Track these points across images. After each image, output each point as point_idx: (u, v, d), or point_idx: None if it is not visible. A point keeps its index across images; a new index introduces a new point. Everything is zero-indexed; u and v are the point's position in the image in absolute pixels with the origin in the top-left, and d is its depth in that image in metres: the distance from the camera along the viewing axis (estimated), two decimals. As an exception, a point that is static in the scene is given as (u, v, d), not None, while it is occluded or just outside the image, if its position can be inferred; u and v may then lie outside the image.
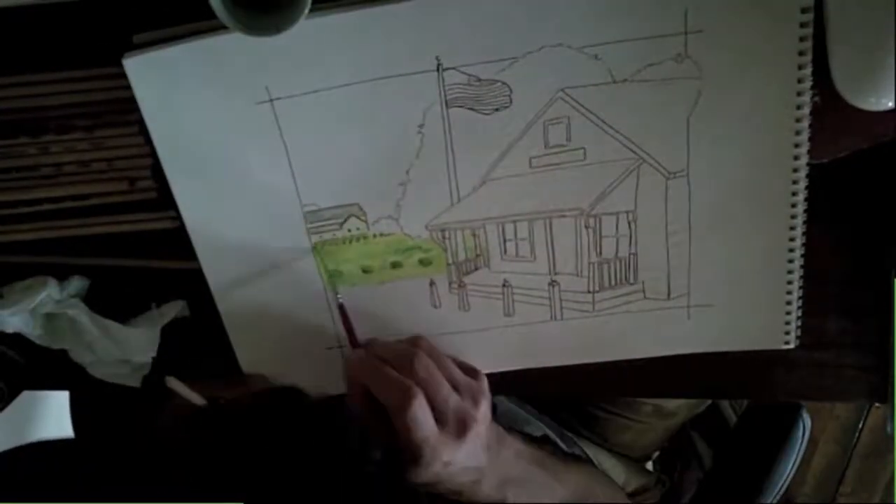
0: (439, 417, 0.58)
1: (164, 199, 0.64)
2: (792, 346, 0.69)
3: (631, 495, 0.89)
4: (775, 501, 0.90)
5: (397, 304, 0.69)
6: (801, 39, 0.57)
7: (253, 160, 0.62)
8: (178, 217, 0.65)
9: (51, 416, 0.67)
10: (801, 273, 0.66)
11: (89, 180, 0.64)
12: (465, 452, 0.59)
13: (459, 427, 0.59)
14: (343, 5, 0.57)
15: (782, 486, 0.90)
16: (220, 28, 0.56)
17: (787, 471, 0.90)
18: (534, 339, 0.70)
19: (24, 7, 0.59)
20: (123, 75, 0.60)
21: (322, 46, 0.57)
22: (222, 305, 0.68)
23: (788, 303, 0.67)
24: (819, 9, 0.56)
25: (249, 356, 0.71)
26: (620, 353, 0.71)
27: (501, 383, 0.71)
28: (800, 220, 0.64)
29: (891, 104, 0.56)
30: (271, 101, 0.59)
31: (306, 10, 0.53)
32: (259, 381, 0.71)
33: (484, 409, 0.61)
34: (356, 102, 0.59)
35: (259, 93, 0.59)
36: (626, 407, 0.97)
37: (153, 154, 0.62)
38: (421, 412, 0.57)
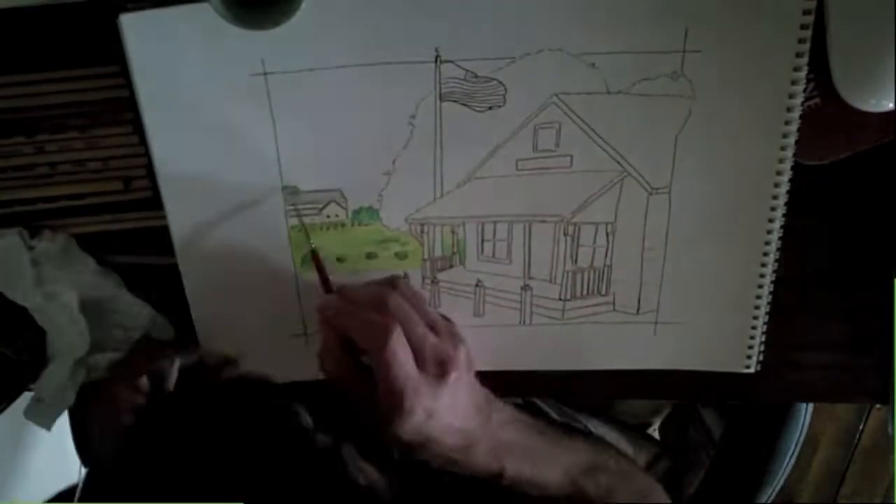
0: (417, 357, 0.55)
1: (159, 199, 0.64)
2: (752, 370, 0.70)
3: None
4: (775, 492, 0.91)
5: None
6: (796, 69, 0.58)
7: (239, 133, 0.60)
8: None
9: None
10: (769, 301, 0.67)
11: (84, 180, 0.64)
12: (448, 401, 0.56)
13: (439, 368, 0.56)
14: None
15: (783, 470, 0.90)
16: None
17: (788, 455, 0.90)
18: (501, 342, 0.70)
19: (19, 8, 0.59)
20: (118, 75, 0.60)
21: (323, 25, 0.57)
22: (188, 278, 0.66)
23: (753, 327, 0.68)
24: (819, 10, 0.57)
25: (211, 336, 0.69)
26: (584, 363, 0.71)
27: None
28: (773, 247, 0.65)
29: (891, 105, 0.57)
30: (265, 74, 0.58)
31: (302, 4, 0.54)
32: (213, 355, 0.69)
33: (463, 354, 0.58)
34: (350, 86, 0.59)
35: (254, 65, 0.58)
36: None
37: (148, 154, 0.62)
38: (400, 348, 0.54)
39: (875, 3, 0.55)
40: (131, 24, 0.56)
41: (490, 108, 0.61)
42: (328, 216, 0.64)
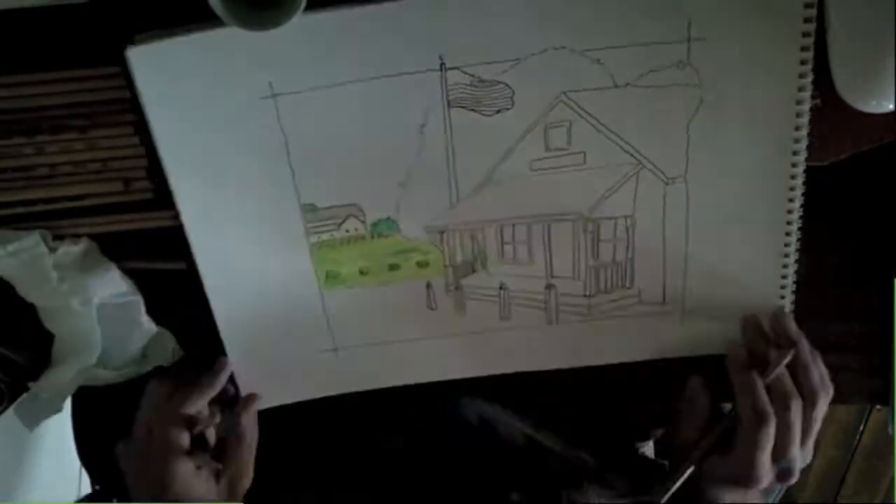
0: (776, 454, 0.62)
1: (160, 200, 0.64)
2: (782, 353, 0.69)
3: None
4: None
5: (394, 305, 0.68)
6: (803, 49, 0.58)
7: (253, 157, 0.61)
8: (175, 216, 0.64)
9: (51, 418, 0.66)
10: (795, 283, 0.67)
11: (84, 181, 0.64)
12: None
13: (782, 476, 0.63)
14: (348, 2, 0.56)
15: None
16: (222, 24, 0.56)
17: None
18: (529, 343, 0.70)
19: (19, 9, 0.58)
20: (118, 75, 0.60)
21: (326, 43, 0.57)
22: (216, 302, 0.67)
23: (781, 308, 0.68)
24: (820, 12, 0.57)
25: (242, 357, 0.70)
26: (613, 357, 0.71)
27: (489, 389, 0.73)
28: (795, 228, 0.64)
29: (891, 107, 0.57)
30: (274, 96, 0.59)
31: (303, 4, 0.53)
32: None
33: None
34: (358, 100, 0.59)
35: (262, 88, 0.58)
36: None
37: (148, 154, 0.62)
38: (767, 442, 0.61)
39: (875, 4, 0.55)
40: (139, 57, 0.56)
41: (499, 111, 0.61)
42: (347, 230, 0.65)
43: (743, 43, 0.58)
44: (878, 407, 1.42)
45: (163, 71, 0.57)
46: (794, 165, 0.62)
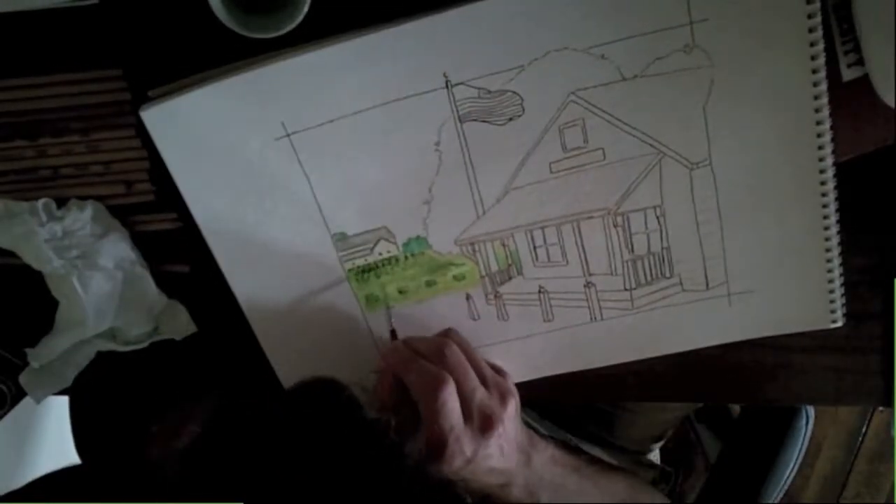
0: (465, 410, 0.58)
1: (162, 202, 0.65)
2: (839, 324, 0.67)
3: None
4: (780, 498, 0.89)
5: (437, 320, 0.69)
6: (810, 16, 0.56)
7: (278, 196, 0.63)
8: (176, 219, 0.66)
9: (51, 420, 0.65)
10: (840, 249, 0.65)
11: (87, 183, 0.64)
12: (489, 451, 0.59)
13: (484, 423, 0.59)
14: (345, 33, 0.58)
15: (787, 477, 0.88)
16: (230, 72, 0.58)
17: (792, 463, 0.88)
18: (576, 342, 0.70)
19: (21, 12, 0.59)
20: (119, 78, 0.61)
21: (329, 77, 0.58)
22: (265, 342, 0.70)
23: (830, 280, 0.66)
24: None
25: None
26: (665, 348, 0.70)
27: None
28: (832, 196, 0.62)
29: None
30: (288, 135, 0.60)
31: (305, 9, 0.54)
32: None
33: (511, 409, 0.61)
34: (370, 127, 0.61)
35: (276, 129, 0.60)
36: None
37: (150, 157, 0.63)
38: (450, 399, 0.57)
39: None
40: (153, 117, 0.59)
41: (510, 119, 0.61)
42: (380, 253, 0.66)
43: (747, 17, 0.57)
44: (880, 409, 1.39)
45: (178, 127, 0.60)
46: (819, 136, 0.60)
